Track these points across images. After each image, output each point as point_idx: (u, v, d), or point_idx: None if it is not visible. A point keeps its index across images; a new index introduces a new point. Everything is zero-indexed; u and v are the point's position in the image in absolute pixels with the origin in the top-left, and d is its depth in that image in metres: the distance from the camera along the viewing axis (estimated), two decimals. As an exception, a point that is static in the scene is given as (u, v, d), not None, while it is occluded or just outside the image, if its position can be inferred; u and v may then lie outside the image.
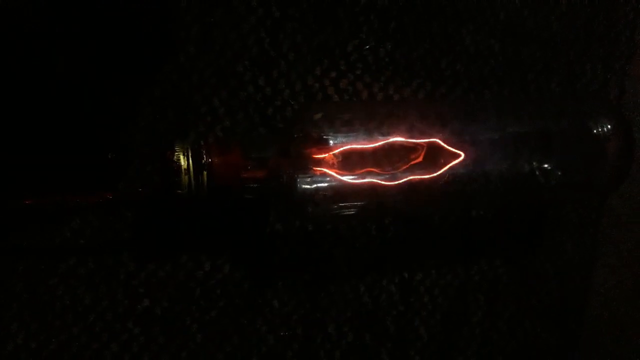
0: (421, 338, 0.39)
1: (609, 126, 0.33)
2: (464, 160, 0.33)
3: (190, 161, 0.28)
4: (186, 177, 0.28)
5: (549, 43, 0.39)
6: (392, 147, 0.33)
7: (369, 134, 0.32)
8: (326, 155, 0.31)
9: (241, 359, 0.36)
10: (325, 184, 0.32)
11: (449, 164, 0.33)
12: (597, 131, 0.33)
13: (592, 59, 0.40)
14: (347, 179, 0.31)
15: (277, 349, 0.37)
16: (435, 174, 0.33)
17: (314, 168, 0.30)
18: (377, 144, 0.32)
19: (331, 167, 0.31)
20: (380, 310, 0.38)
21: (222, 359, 0.36)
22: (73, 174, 0.31)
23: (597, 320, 0.44)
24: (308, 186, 0.31)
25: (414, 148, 0.33)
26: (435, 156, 0.33)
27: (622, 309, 0.44)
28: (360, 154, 0.32)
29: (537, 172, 0.36)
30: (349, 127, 0.32)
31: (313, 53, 0.35)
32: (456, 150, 0.33)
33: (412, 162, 0.33)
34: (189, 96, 0.33)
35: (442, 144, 0.33)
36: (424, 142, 0.33)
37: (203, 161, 0.28)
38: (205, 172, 0.28)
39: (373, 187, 0.32)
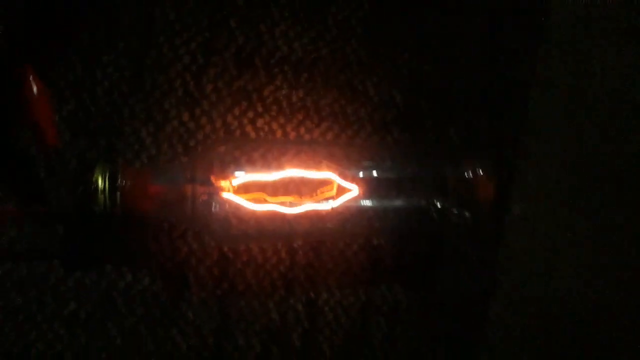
0: (324, 354, 0.43)
1: (478, 172, 0.38)
2: (358, 195, 0.39)
3: (107, 183, 0.33)
4: (102, 196, 0.33)
5: (449, 95, 0.44)
6: (292, 179, 0.38)
7: (270, 166, 0.37)
8: (228, 182, 0.36)
9: (154, 363, 0.40)
10: (232, 210, 0.36)
11: (344, 197, 0.38)
12: (468, 177, 0.38)
13: (489, 112, 0.45)
14: (250, 205, 0.36)
15: (189, 357, 0.41)
16: (328, 207, 0.38)
17: (218, 194, 0.35)
18: (276, 175, 0.37)
19: (235, 193, 0.36)
20: (287, 326, 0.42)
21: (138, 362, 0.40)
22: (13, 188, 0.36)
23: (496, 350, 0.48)
24: (216, 210, 0.36)
25: (321, 181, 0.38)
26: (332, 190, 0.38)
27: (520, 338, 0.48)
28: (262, 183, 0.37)
29: (431, 209, 0.41)
30: (250, 159, 0.37)
31: (233, 95, 0.40)
32: (350, 185, 0.38)
33: (313, 195, 0.38)
34: (120, 127, 0.38)
35: (338, 178, 0.38)
36: (323, 177, 0.38)
37: (117, 183, 0.33)
38: (118, 193, 0.33)
39: (275, 215, 0.37)
